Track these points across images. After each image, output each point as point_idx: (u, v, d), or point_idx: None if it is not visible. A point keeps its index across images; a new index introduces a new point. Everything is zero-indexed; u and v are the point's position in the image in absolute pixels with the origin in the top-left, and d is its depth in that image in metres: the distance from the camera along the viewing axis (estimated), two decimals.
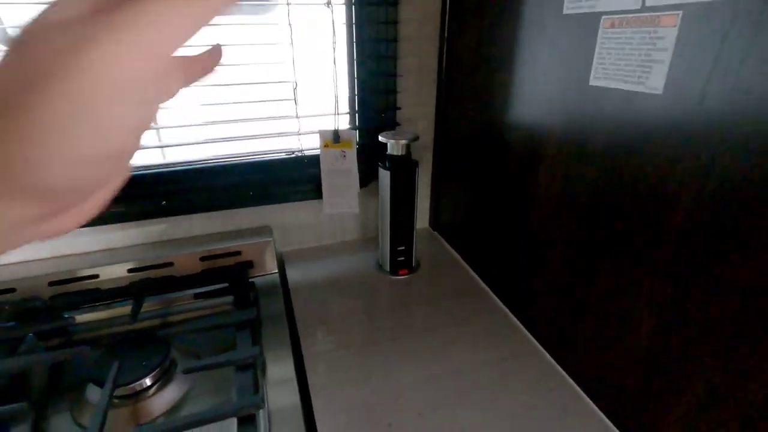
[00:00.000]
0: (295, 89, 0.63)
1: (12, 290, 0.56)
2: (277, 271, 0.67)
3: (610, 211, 0.39)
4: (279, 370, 0.48)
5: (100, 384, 0.43)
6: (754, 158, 0.27)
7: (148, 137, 0.63)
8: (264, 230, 0.69)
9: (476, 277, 0.66)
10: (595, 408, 0.44)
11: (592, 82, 0.39)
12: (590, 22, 0.38)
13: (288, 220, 0.72)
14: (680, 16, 0.30)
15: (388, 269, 0.68)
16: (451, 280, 0.66)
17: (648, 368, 0.37)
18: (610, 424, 0.43)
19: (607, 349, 0.42)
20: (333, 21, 0.59)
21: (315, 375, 0.48)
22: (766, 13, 0.25)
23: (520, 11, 0.48)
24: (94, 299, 0.58)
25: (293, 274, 0.67)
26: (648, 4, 0.33)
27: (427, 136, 0.74)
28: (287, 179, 0.68)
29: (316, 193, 0.70)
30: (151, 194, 0.63)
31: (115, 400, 0.43)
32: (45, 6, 0.15)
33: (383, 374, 0.49)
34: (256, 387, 0.44)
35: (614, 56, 0.36)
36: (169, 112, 0.61)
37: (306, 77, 0.63)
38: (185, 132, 0.64)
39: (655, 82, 0.33)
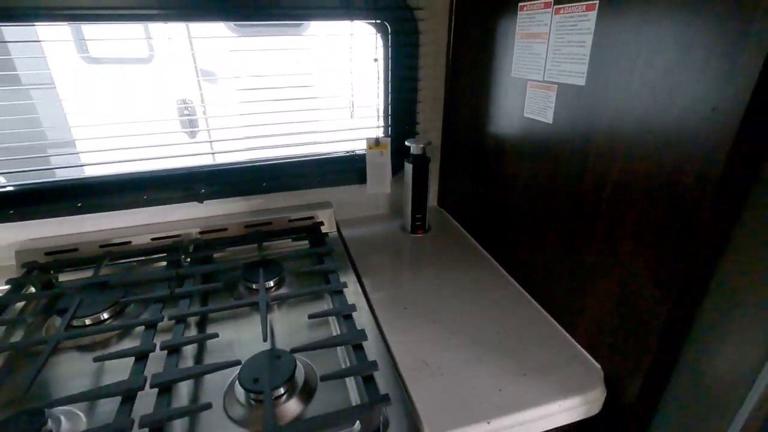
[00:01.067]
0: (351, 111, 0.98)
1: (178, 236, 0.92)
2: (336, 230, 1.02)
3: (535, 184, 0.72)
4: (350, 282, 0.82)
5: (256, 280, 0.77)
6: (586, 150, 0.61)
7: (246, 142, 0.98)
8: (327, 204, 1.03)
9: (468, 235, 1.00)
10: (533, 300, 0.78)
11: (525, 115, 0.72)
12: (523, 82, 0.72)
13: (342, 198, 1.06)
14: (557, 87, 0.64)
15: (410, 230, 1.01)
16: (451, 238, 1.00)
17: (551, 265, 0.71)
18: (535, 303, 0.76)
19: (537, 267, 0.75)
20: (378, 70, 0.94)
21: (370, 285, 0.82)
22: (581, 96, 0.59)
23: (491, 70, 0.81)
24: (227, 244, 0.92)
25: (347, 233, 1.02)
26: (545, 78, 0.66)
27: (437, 141, 1.08)
28: (343, 170, 1.02)
29: (361, 179, 1.04)
30: (256, 179, 0.98)
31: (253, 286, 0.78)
32: None
33: (409, 282, 0.82)
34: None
35: (533, 101, 0.70)
36: (267, 127, 0.96)
37: (358, 102, 0.98)
38: (274, 139, 0.98)
39: (549, 117, 0.66)
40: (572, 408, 0.58)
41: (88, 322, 0.69)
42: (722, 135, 0.41)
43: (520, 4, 0.69)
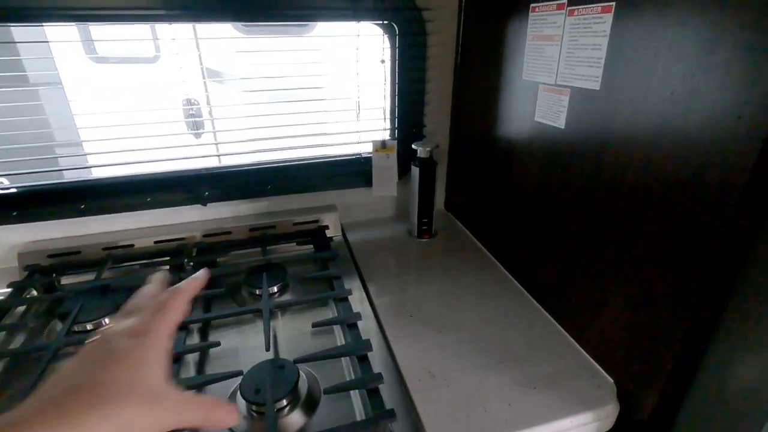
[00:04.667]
0: (358, 113, 0.96)
1: (182, 239, 0.91)
2: (341, 234, 1.00)
3: (545, 189, 0.71)
4: (354, 288, 0.81)
5: (259, 286, 0.76)
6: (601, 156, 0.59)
7: (256, 145, 0.97)
8: (332, 207, 1.02)
9: (476, 240, 0.98)
10: (533, 299, 0.76)
11: (536, 119, 0.70)
12: (534, 86, 0.70)
13: (347, 201, 1.04)
14: (569, 91, 0.62)
15: (416, 234, 1.00)
16: (458, 243, 0.98)
17: (563, 267, 0.69)
18: (536, 304, 0.74)
19: (546, 275, 0.73)
20: (385, 72, 0.92)
21: (375, 291, 0.81)
22: (595, 101, 0.56)
23: (501, 72, 0.79)
24: (231, 247, 0.91)
25: (352, 236, 1.00)
26: (558, 82, 0.64)
27: (444, 144, 1.06)
28: (349, 173, 1.01)
29: (367, 182, 1.02)
30: (260, 182, 0.97)
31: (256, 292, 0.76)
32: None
33: (414, 288, 0.81)
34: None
35: (545, 105, 0.68)
36: (273, 130, 0.95)
37: (364, 104, 0.96)
38: (280, 141, 0.97)
39: (561, 122, 0.64)
40: (584, 424, 0.56)
41: (89, 327, 0.68)
42: (748, 144, 0.39)
43: (532, 5, 0.67)
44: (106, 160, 0.90)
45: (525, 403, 0.57)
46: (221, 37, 0.93)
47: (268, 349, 0.61)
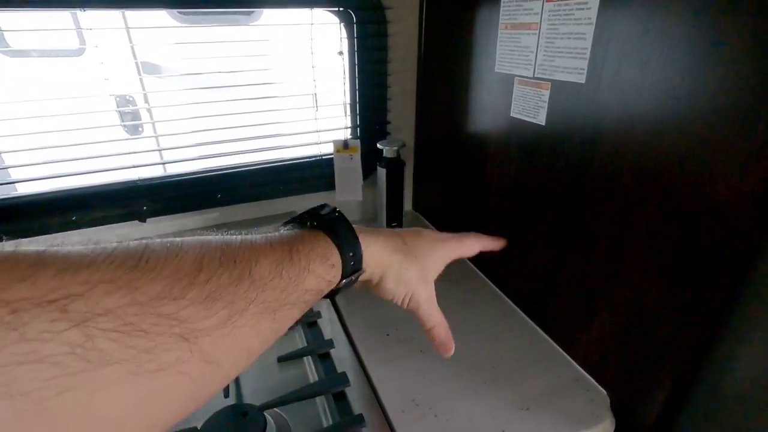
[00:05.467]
0: (315, 110, 0.87)
1: None
2: None
3: (525, 190, 0.66)
4: (322, 308, 0.73)
5: None
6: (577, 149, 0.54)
7: (202, 149, 0.86)
8: (291, 214, 0.93)
9: None
10: (516, 307, 0.72)
11: (512, 115, 0.65)
12: (509, 78, 0.64)
13: (308, 206, 0.95)
14: (550, 85, 0.57)
15: None
16: None
17: (546, 278, 0.65)
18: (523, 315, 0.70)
19: (521, 274, 0.69)
20: (344, 64, 0.84)
21: (346, 308, 0.73)
22: (581, 95, 0.52)
23: (470, 64, 0.73)
24: None
25: None
26: (536, 75, 0.59)
27: (410, 141, 0.99)
28: (308, 176, 0.92)
29: (330, 185, 0.94)
30: (209, 191, 0.86)
31: None
32: None
33: (389, 305, 0.74)
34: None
35: (522, 100, 0.63)
36: (221, 132, 0.84)
37: (323, 102, 0.88)
38: (234, 144, 0.86)
39: (541, 118, 0.59)
40: None
41: None
42: (760, 145, 0.36)
43: None
44: (26, 173, 0.75)
45: (520, 428, 0.52)
46: (156, 26, 0.80)
47: (227, 395, 0.52)
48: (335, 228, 0.31)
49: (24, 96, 0.72)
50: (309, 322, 0.63)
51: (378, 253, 0.35)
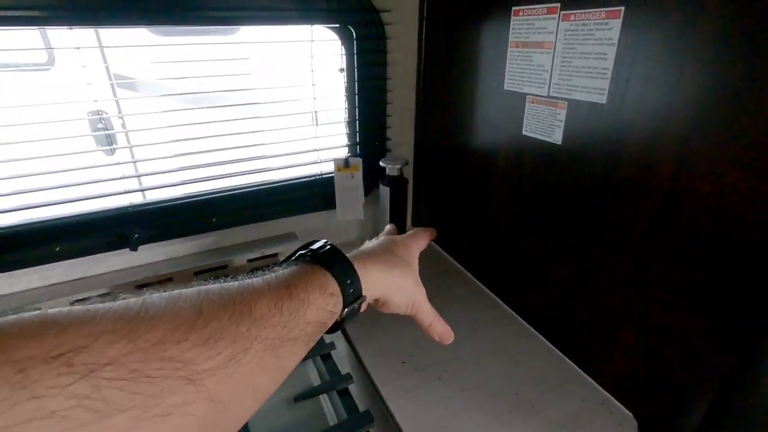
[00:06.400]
0: (316, 128, 0.84)
1: (107, 294, 0.73)
2: None
3: (539, 208, 0.65)
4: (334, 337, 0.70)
5: None
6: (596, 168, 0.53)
7: (195, 172, 0.81)
8: (291, 236, 0.89)
9: (454, 261, 0.91)
10: (531, 328, 0.70)
11: (525, 133, 0.64)
12: (520, 97, 0.63)
13: (307, 226, 0.92)
14: (567, 104, 0.56)
15: None
16: (436, 267, 0.90)
17: (564, 297, 0.63)
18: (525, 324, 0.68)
19: (535, 295, 0.68)
20: (345, 83, 0.81)
21: (357, 336, 0.70)
22: (602, 115, 0.51)
23: (475, 81, 0.72)
24: None
25: None
26: (551, 93, 0.58)
27: (409, 157, 0.98)
28: (307, 196, 0.89)
29: (329, 204, 0.91)
30: (203, 215, 0.82)
31: None
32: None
33: (399, 330, 0.71)
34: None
35: (535, 119, 0.62)
36: (215, 153, 0.80)
37: (322, 119, 0.85)
38: (230, 166, 0.82)
39: (557, 137, 0.58)
40: None
41: None
42: None
43: (515, 8, 0.61)
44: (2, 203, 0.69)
45: None
46: (131, 45, 0.75)
47: None
48: (330, 259, 0.32)
49: None
50: (323, 354, 0.60)
51: (377, 275, 0.36)
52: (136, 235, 0.74)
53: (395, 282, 0.38)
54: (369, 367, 0.62)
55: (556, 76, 0.56)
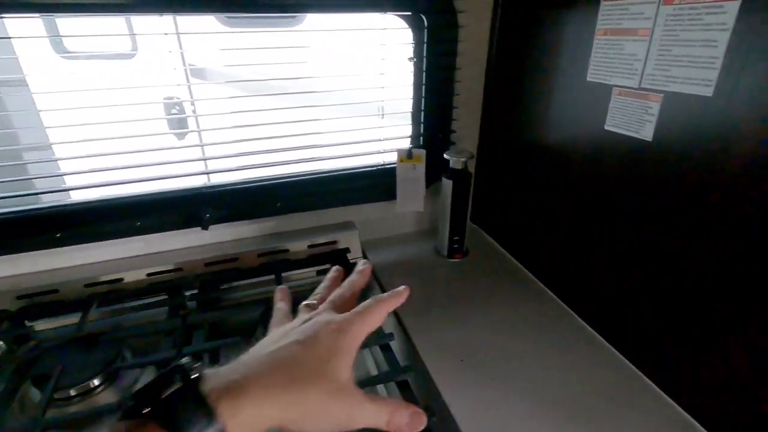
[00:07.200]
0: (381, 118, 0.84)
1: (180, 269, 0.77)
2: (361, 256, 0.88)
3: (620, 207, 0.60)
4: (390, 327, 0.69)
5: None
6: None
7: (262, 157, 0.83)
8: (350, 225, 0.90)
9: (513, 260, 0.88)
10: (597, 335, 0.66)
11: (607, 128, 0.60)
12: (604, 88, 0.59)
13: (364, 216, 0.92)
14: (662, 97, 0.51)
15: (446, 254, 0.89)
16: (494, 264, 0.87)
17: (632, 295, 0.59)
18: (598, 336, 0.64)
19: (596, 285, 0.63)
20: (413, 72, 0.80)
21: (414, 329, 0.69)
22: (707, 109, 0.46)
23: (553, 71, 0.68)
24: (238, 277, 0.78)
25: (373, 258, 0.88)
26: (643, 85, 0.53)
27: (472, 150, 0.95)
28: (369, 185, 0.89)
29: (388, 195, 0.90)
30: (269, 199, 0.84)
31: None
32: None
33: (458, 327, 0.70)
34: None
35: (621, 112, 0.57)
36: (282, 140, 0.82)
37: (387, 109, 0.84)
38: (295, 153, 0.84)
39: (647, 133, 0.54)
40: None
41: (73, 393, 0.55)
42: None
43: None
44: (87, 179, 0.75)
45: None
46: (203, 32, 0.77)
47: None
48: (175, 411, 0.25)
49: (78, 101, 0.71)
50: (382, 345, 0.60)
51: (255, 411, 0.26)
52: (208, 215, 0.77)
53: (293, 411, 0.28)
54: (427, 362, 0.61)
55: (651, 65, 0.52)
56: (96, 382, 0.57)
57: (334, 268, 0.43)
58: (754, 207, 0.43)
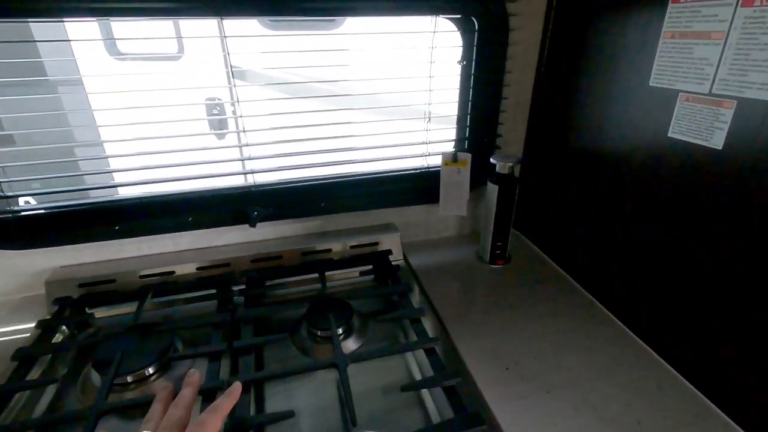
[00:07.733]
0: (428, 121, 0.84)
1: (227, 265, 0.80)
2: (402, 258, 0.88)
3: (680, 220, 0.58)
4: (433, 331, 0.69)
5: (324, 327, 0.65)
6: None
7: (308, 158, 0.84)
8: (391, 227, 0.90)
9: (557, 267, 0.85)
10: (651, 350, 0.63)
11: (671, 135, 0.57)
12: (669, 93, 0.57)
13: (408, 219, 0.92)
14: (735, 104, 0.48)
15: (488, 260, 0.87)
16: (537, 271, 0.85)
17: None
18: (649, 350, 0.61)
19: (673, 323, 0.60)
20: (461, 75, 0.80)
21: (458, 335, 0.68)
22: None
23: (613, 75, 0.66)
24: (282, 274, 0.80)
25: (415, 261, 0.88)
26: (714, 90, 0.51)
27: (518, 155, 0.93)
28: (412, 188, 0.89)
29: (431, 198, 0.90)
30: (314, 199, 0.85)
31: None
32: None
33: (502, 331, 0.68)
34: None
35: (687, 119, 0.55)
36: (329, 141, 0.83)
37: (433, 113, 0.84)
38: (341, 154, 0.85)
39: (717, 141, 0.51)
40: None
41: (129, 379, 0.58)
42: None
43: None
44: (140, 176, 0.79)
45: None
46: (246, 35, 0.78)
47: (355, 423, 0.49)
48: None
49: (127, 101, 0.74)
50: (427, 348, 0.59)
51: None
52: (256, 213, 0.79)
53: None
54: (471, 369, 0.61)
55: (725, 70, 0.49)
56: (150, 370, 0.59)
57: (162, 386, 0.44)
58: None
